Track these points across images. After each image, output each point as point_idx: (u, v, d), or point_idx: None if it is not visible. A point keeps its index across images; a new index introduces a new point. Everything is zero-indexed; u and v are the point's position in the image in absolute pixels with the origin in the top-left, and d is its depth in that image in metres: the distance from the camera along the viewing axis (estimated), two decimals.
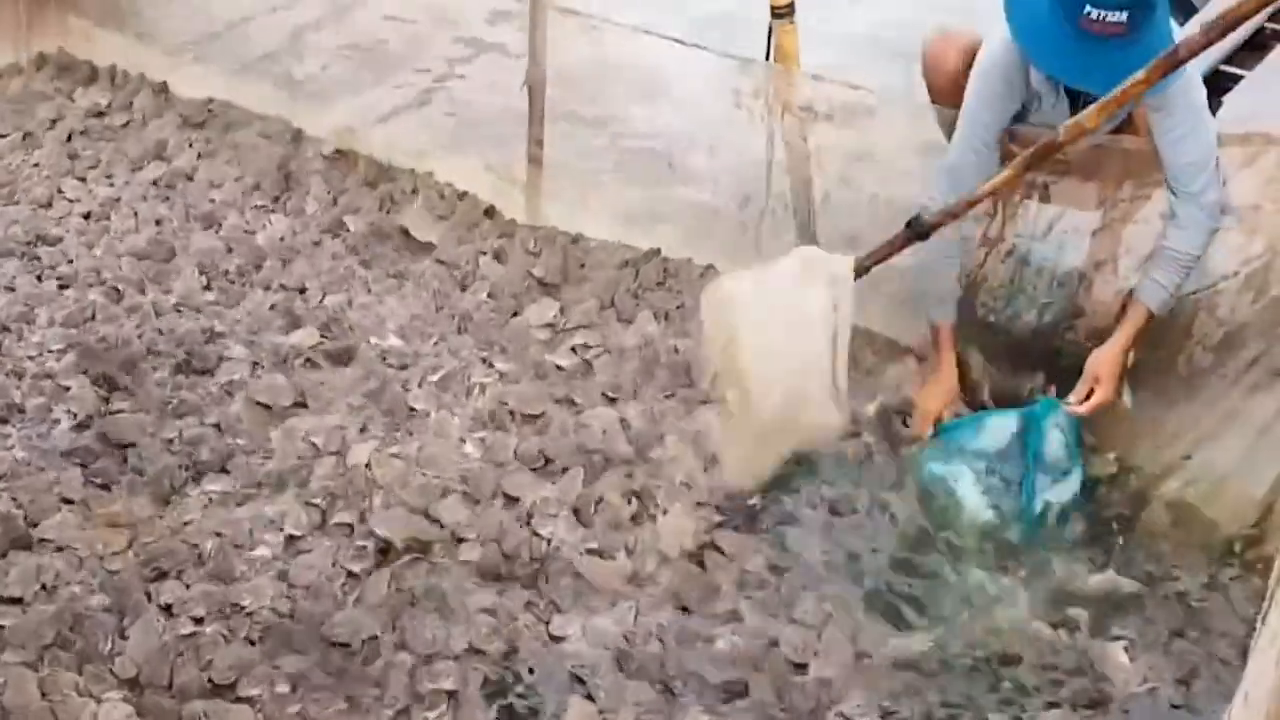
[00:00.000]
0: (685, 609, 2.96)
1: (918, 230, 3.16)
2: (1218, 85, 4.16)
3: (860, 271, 3.20)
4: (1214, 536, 3.17)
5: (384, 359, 3.63)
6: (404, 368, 3.61)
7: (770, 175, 3.83)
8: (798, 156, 3.77)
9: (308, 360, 3.61)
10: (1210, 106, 3.58)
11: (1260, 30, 4.48)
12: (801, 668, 2.83)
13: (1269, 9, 2.92)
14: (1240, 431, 3.21)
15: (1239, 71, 4.22)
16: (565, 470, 3.24)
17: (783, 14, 3.69)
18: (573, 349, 3.66)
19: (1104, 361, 3.19)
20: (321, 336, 3.70)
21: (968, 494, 3.22)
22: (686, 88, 3.95)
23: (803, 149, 3.74)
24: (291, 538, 3.06)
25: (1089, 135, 2.98)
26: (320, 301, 3.87)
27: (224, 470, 3.25)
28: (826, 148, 3.71)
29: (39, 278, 3.94)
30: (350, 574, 2.98)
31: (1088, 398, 3.20)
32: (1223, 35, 2.79)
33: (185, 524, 3.07)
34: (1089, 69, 2.95)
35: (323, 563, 2.99)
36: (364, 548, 3.03)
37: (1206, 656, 2.91)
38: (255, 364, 3.59)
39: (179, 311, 3.78)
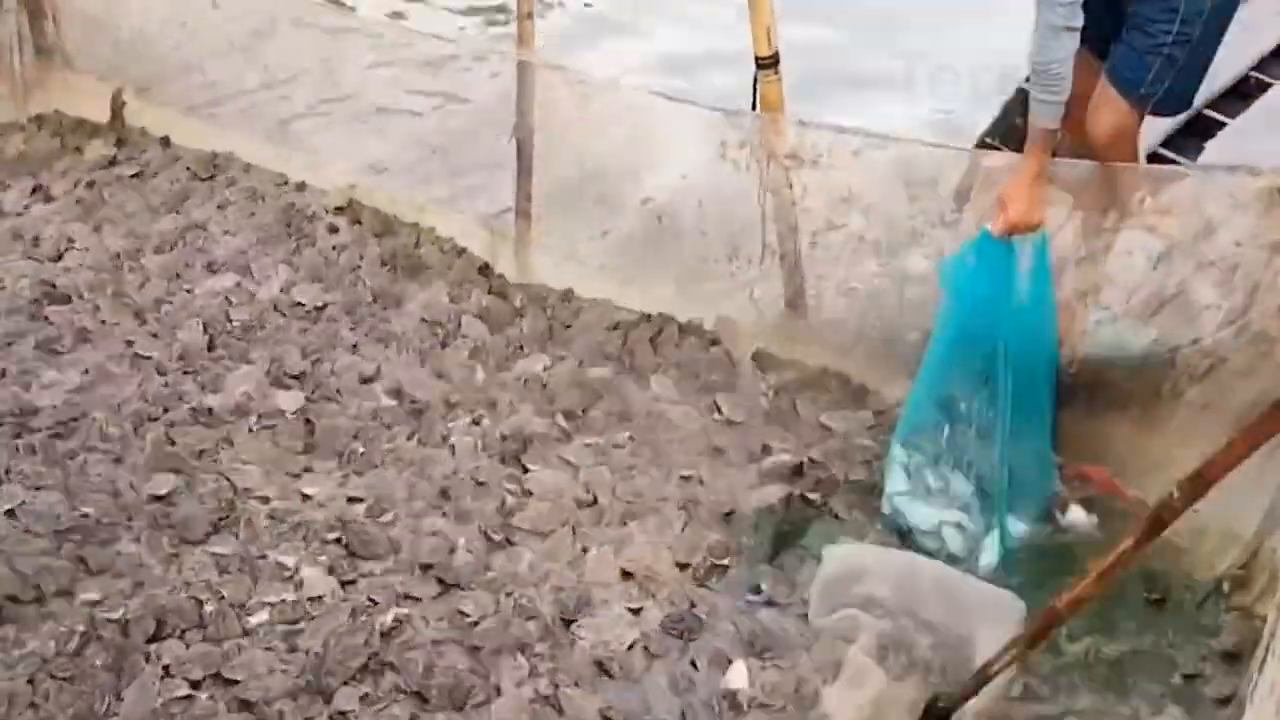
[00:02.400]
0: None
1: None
2: (1201, 130, 4.15)
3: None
4: (1201, 576, 3.19)
5: (374, 417, 3.69)
6: (390, 426, 3.67)
7: (765, 224, 3.87)
8: (783, 204, 3.82)
9: (302, 418, 3.67)
10: (1192, 151, 3.59)
11: (1245, 79, 4.46)
12: None
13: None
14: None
15: (1222, 118, 4.20)
16: (551, 534, 3.32)
17: (767, 65, 3.74)
18: (553, 413, 3.71)
19: (1008, 186, 3.26)
20: (309, 396, 3.76)
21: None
22: (673, 140, 4.00)
23: (788, 196, 3.80)
24: (290, 602, 3.10)
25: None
26: (316, 360, 3.93)
27: (222, 531, 3.30)
28: (812, 191, 3.76)
29: (48, 333, 4.00)
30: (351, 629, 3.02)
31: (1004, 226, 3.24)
32: None
33: (186, 583, 3.12)
34: None
35: (324, 625, 3.02)
36: (375, 602, 3.08)
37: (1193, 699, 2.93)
38: (252, 424, 3.65)
39: (185, 373, 3.85)
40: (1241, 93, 4.43)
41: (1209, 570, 3.20)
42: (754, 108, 3.85)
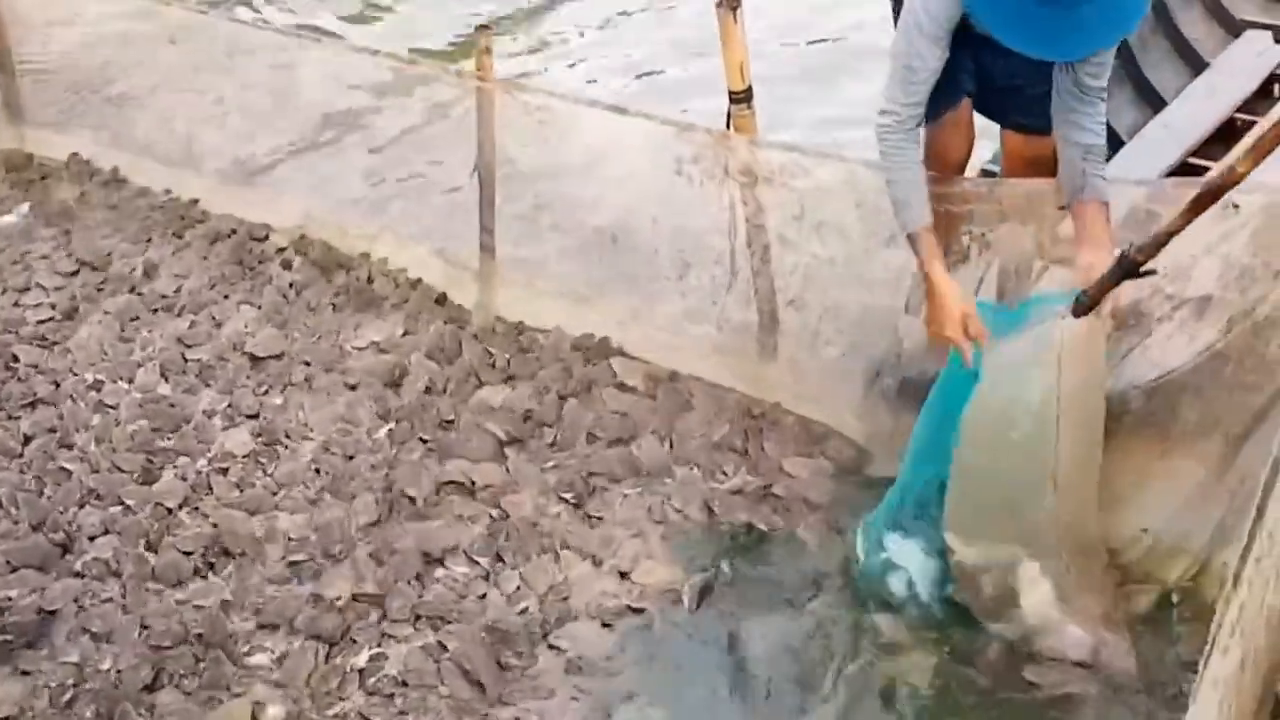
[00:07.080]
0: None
1: (1127, 267, 2.86)
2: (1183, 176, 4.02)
3: (1081, 311, 2.93)
4: (1151, 589, 3.24)
5: (327, 450, 3.72)
6: (350, 458, 3.70)
7: (734, 240, 3.88)
8: (738, 222, 3.84)
9: (257, 458, 3.71)
10: None
11: (1230, 121, 4.45)
12: None
13: None
14: (1176, 487, 3.26)
15: (1205, 163, 4.15)
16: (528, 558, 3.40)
17: (740, 100, 3.76)
18: (508, 441, 3.76)
19: (1100, 260, 3.02)
20: (259, 435, 3.79)
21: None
22: (629, 159, 4.02)
23: (744, 213, 3.83)
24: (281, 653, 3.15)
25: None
26: (269, 398, 3.95)
27: (204, 575, 3.34)
28: (767, 208, 3.78)
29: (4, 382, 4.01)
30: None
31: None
32: None
33: (185, 628, 3.16)
34: (1059, 36, 2.87)
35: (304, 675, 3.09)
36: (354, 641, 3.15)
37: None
38: (212, 467, 3.69)
39: (144, 413, 3.86)
40: (1225, 136, 4.36)
41: (1160, 577, 3.26)
42: None
